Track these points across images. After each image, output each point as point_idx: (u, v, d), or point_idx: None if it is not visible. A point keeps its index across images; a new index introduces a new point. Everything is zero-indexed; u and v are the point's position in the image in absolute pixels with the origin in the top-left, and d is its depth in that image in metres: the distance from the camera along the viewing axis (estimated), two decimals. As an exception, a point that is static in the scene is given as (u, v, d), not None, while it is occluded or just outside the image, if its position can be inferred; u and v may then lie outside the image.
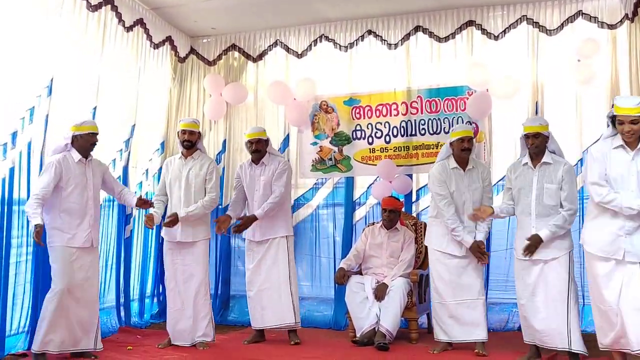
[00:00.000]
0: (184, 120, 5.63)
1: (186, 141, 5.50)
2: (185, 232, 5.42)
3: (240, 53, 7.18)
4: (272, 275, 5.60)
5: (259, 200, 5.63)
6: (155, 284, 6.92)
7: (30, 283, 5.09)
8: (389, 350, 5.23)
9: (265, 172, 5.66)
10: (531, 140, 4.69)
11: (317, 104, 6.93)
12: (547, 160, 4.69)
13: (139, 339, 5.75)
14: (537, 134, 4.67)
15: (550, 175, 4.66)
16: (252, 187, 5.70)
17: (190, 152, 5.54)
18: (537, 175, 4.70)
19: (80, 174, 4.86)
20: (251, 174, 5.71)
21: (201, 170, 5.48)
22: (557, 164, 4.67)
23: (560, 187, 4.62)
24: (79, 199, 4.84)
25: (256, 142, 5.64)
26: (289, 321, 5.54)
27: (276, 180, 5.62)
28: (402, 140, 6.62)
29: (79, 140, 4.87)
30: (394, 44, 6.61)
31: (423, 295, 5.89)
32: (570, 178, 4.64)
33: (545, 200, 4.64)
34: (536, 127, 4.69)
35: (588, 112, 6.09)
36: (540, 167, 4.70)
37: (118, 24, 6.01)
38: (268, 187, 5.64)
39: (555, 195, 4.62)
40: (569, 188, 4.61)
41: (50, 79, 5.15)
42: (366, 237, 6.00)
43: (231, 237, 7.07)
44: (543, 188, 4.65)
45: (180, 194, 5.46)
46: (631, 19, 5.85)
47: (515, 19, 6.22)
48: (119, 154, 6.19)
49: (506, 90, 6.14)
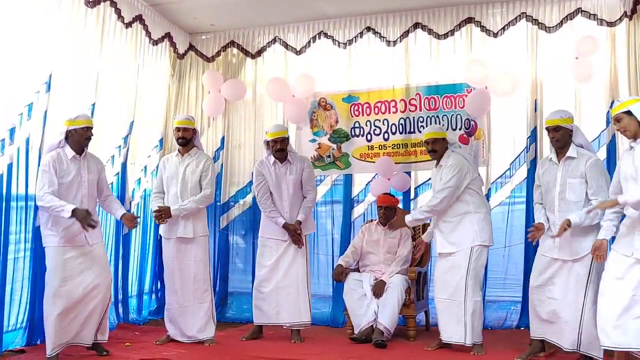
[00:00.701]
0: (178, 118, 5.61)
1: (181, 138, 5.46)
2: (185, 228, 5.40)
3: (239, 50, 7.17)
4: (291, 273, 5.60)
5: (290, 200, 5.63)
6: (154, 281, 6.92)
7: (28, 279, 5.10)
8: (386, 347, 5.24)
9: (292, 171, 5.64)
10: (552, 133, 4.59)
11: (316, 101, 6.93)
12: (572, 155, 4.53)
13: (137, 336, 5.75)
14: (557, 127, 4.56)
15: (574, 170, 4.50)
16: (279, 186, 5.65)
17: (187, 150, 5.51)
18: (562, 170, 4.56)
19: (74, 170, 4.78)
20: (277, 173, 5.66)
21: (197, 167, 5.46)
22: (582, 157, 4.50)
23: (584, 182, 4.44)
24: (73, 196, 4.75)
25: (281, 142, 5.59)
26: (305, 320, 5.57)
27: (308, 181, 5.67)
28: (401, 138, 6.62)
29: (74, 135, 4.79)
30: (392, 41, 6.60)
31: (421, 292, 5.89)
32: (596, 172, 4.43)
33: (567, 195, 4.49)
34: (556, 120, 4.58)
35: (587, 110, 6.08)
36: (565, 161, 4.56)
37: (117, 20, 5.99)
38: (297, 185, 5.65)
39: (579, 191, 4.46)
40: (596, 182, 4.40)
41: (49, 75, 5.14)
42: (363, 234, 6.01)
43: (229, 234, 7.09)
44: (566, 183, 4.51)
45: (177, 192, 5.43)
46: (630, 16, 5.85)
47: (515, 16, 6.22)
48: (118, 150, 6.18)
49: (505, 88, 6.13)
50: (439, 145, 5.24)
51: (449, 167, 5.12)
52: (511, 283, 6.22)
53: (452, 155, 5.21)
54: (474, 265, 5.02)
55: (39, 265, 5.01)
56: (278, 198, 5.68)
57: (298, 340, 5.57)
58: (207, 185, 5.46)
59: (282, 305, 5.59)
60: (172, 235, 5.43)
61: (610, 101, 5.90)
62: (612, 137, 5.85)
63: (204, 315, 5.43)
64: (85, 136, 4.82)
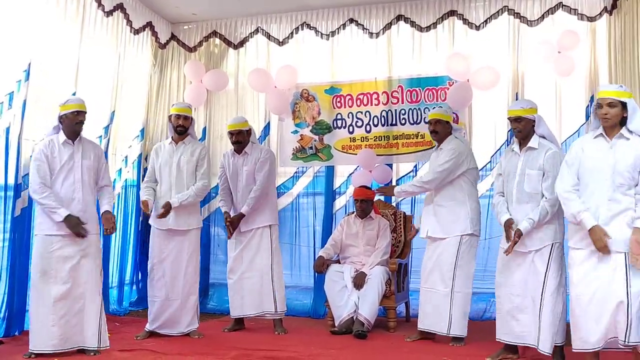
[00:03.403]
0: (178, 105, 5.51)
1: (180, 126, 5.38)
2: (178, 220, 5.31)
3: (221, 40, 7.14)
4: (254, 263, 5.59)
5: (243, 191, 5.60)
6: (134, 272, 6.89)
7: (7, 270, 5.04)
8: (366, 338, 5.28)
9: (248, 162, 5.62)
10: (514, 124, 4.53)
11: (298, 92, 6.91)
12: (533, 145, 4.45)
13: (117, 327, 5.72)
14: (518, 117, 4.47)
15: (534, 161, 4.42)
16: (235, 178, 5.65)
17: (182, 138, 5.44)
18: (522, 160, 4.48)
19: (66, 156, 4.61)
20: (234, 164, 5.66)
21: (192, 156, 5.39)
22: (542, 148, 4.42)
23: (542, 174, 4.37)
24: (64, 183, 4.58)
25: (237, 134, 5.59)
26: (268, 310, 5.54)
27: (258, 170, 5.58)
28: (383, 130, 6.63)
29: (65, 120, 4.62)
30: (375, 33, 6.61)
31: (401, 284, 5.93)
32: (553, 163, 4.32)
33: (525, 186, 4.41)
34: (517, 111, 4.49)
35: (567, 104, 6.15)
36: (526, 152, 4.48)
37: (97, 8, 5.93)
38: (251, 177, 5.60)
39: (536, 182, 4.38)
40: (552, 176, 4.27)
41: (28, 63, 5.09)
42: (342, 227, 6.03)
43: (210, 225, 7.07)
44: (525, 174, 4.43)
45: (171, 180, 5.34)
46: (610, 11, 5.91)
47: (497, 9, 6.25)
48: (99, 140, 6.10)
49: (487, 81, 6.16)
50: (440, 127, 5.23)
51: (448, 150, 5.14)
52: (491, 275, 6.14)
53: (454, 140, 5.22)
54: (463, 255, 5.04)
55: (17, 256, 4.98)
56: (233, 189, 5.69)
57: (281, 331, 5.58)
58: (204, 176, 5.40)
59: (245, 297, 5.59)
60: (164, 226, 5.31)
61: (590, 95, 5.97)
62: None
63: (191, 308, 5.38)
64: (76, 120, 4.63)
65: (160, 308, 5.33)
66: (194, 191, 5.33)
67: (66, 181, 4.60)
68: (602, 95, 3.89)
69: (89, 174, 4.70)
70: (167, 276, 5.33)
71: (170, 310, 5.33)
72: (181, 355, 4.72)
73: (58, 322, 4.48)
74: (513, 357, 4.61)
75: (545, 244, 4.37)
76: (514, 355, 4.61)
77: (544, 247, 4.37)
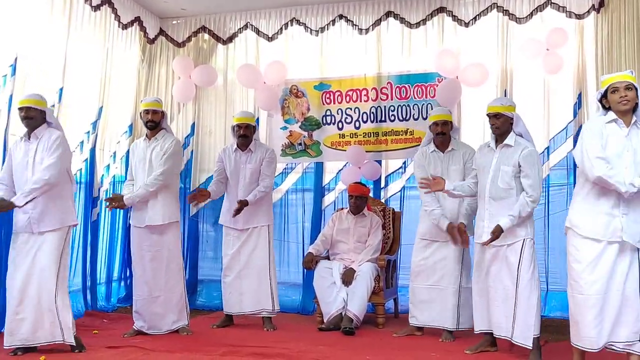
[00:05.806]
0: (146, 100, 5.40)
1: (150, 121, 5.24)
2: (154, 215, 5.20)
3: (210, 35, 7.11)
4: (252, 262, 5.58)
5: (245, 188, 5.55)
6: (123, 268, 6.86)
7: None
8: (355, 334, 5.28)
9: (251, 160, 5.58)
10: (492, 120, 4.54)
11: (287, 88, 6.90)
12: (509, 143, 4.47)
13: (105, 323, 5.71)
14: (497, 114, 4.49)
15: (509, 158, 4.45)
16: (237, 174, 5.60)
17: (154, 133, 5.29)
18: (497, 156, 4.51)
19: (22, 153, 4.50)
20: (236, 160, 5.61)
21: (162, 150, 5.22)
22: (518, 146, 4.44)
23: (517, 171, 4.39)
24: (20, 179, 4.48)
25: (245, 127, 5.55)
26: (266, 307, 5.55)
27: (266, 168, 5.57)
28: (372, 126, 6.64)
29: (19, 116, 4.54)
30: (365, 29, 6.61)
31: (390, 280, 5.94)
32: (530, 163, 4.37)
33: (498, 182, 4.44)
34: (497, 107, 4.52)
35: (555, 101, 6.18)
36: (502, 149, 4.51)
37: (85, 2, 5.90)
38: (255, 174, 5.56)
39: (508, 179, 4.41)
40: (532, 174, 4.34)
41: (14, 58, 5.05)
42: (333, 223, 6.03)
43: (199, 221, 7.04)
44: (499, 170, 4.45)
45: (145, 177, 5.22)
46: (598, 9, 5.94)
47: (486, 6, 6.27)
48: (86, 136, 6.11)
49: (475, 78, 6.18)
50: (447, 128, 5.22)
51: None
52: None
53: (463, 144, 5.32)
54: (466, 254, 5.11)
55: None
56: (234, 185, 5.63)
57: (270, 328, 5.57)
58: (161, 164, 5.13)
59: (244, 294, 5.58)
60: (141, 224, 5.23)
61: (578, 93, 6.00)
62: (579, 129, 5.92)
63: (176, 304, 5.32)
64: (22, 116, 4.49)
65: (143, 306, 5.25)
66: (145, 183, 5.13)
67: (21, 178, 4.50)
68: (618, 79, 3.80)
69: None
70: (149, 274, 5.23)
71: (154, 307, 5.24)
72: (169, 352, 4.68)
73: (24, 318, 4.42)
74: (491, 349, 4.66)
75: (517, 239, 4.41)
76: (493, 348, 4.67)
77: (516, 242, 4.41)
